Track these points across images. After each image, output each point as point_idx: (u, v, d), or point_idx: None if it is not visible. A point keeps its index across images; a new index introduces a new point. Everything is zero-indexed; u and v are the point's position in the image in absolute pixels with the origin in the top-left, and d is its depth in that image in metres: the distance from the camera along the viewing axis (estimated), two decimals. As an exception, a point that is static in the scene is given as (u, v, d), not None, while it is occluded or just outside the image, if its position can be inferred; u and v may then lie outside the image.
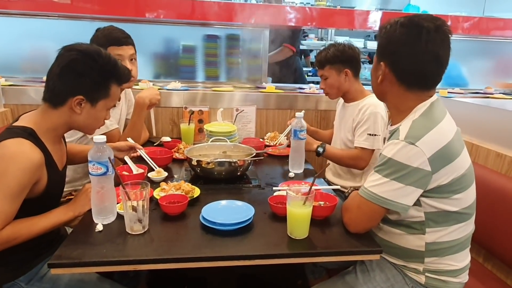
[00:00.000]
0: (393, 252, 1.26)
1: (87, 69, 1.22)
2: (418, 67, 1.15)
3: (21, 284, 1.28)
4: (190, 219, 1.26)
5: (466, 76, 3.30)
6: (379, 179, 1.13)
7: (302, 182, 1.58)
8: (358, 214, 1.18)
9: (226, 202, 1.33)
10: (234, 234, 1.16)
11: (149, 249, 1.09)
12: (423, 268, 1.21)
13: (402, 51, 1.15)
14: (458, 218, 1.18)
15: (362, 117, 1.86)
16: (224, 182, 1.60)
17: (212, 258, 1.06)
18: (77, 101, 1.23)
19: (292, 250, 1.11)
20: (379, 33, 1.22)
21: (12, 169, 1.12)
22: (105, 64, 1.26)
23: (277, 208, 1.27)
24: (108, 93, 1.29)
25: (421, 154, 1.07)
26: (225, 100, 2.48)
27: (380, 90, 1.25)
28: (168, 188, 1.41)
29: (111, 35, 1.79)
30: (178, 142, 2.05)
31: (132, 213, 1.13)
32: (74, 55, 1.22)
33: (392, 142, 1.12)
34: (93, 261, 1.02)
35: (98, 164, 1.16)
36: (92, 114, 1.28)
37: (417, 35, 1.12)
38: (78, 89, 1.23)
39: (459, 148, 1.15)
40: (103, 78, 1.27)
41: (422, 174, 1.08)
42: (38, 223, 1.21)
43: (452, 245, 1.19)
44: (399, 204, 1.11)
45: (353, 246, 1.14)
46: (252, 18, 2.64)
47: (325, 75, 1.95)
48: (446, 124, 1.16)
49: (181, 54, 2.85)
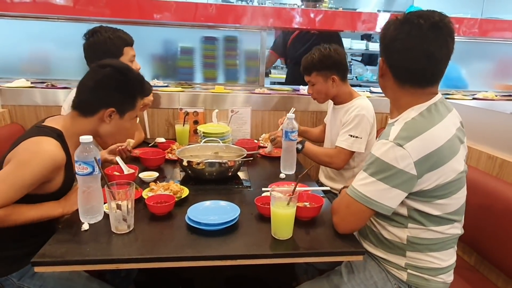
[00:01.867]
0: (377, 243, 1.26)
1: (120, 84, 1.34)
2: (408, 64, 1.15)
3: (13, 280, 1.31)
4: (176, 219, 1.27)
5: (466, 78, 3.27)
6: (365, 177, 1.13)
7: (292, 183, 1.58)
8: (347, 215, 1.18)
9: (211, 202, 1.33)
10: (218, 235, 1.17)
11: (132, 248, 1.10)
12: (405, 263, 1.21)
13: (393, 47, 1.15)
14: (440, 222, 1.17)
15: (348, 118, 1.87)
16: (214, 183, 1.61)
17: (194, 257, 1.07)
18: (109, 113, 1.33)
19: (274, 250, 1.11)
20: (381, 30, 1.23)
21: (34, 163, 1.19)
22: (134, 79, 1.38)
23: (262, 209, 1.28)
24: (135, 106, 1.41)
25: (407, 157, 1.07)
26: (221, 101, 2.49)
27: (381, 84, 1.27)
28: (156, 188, 1.42)
29: (124, 35, 1.86)
30: (172, 143, 2.07)
31: (117, 212, 1.14)
32: (108, 71, 1.33)
33: (381, 142, 1.12)
34: (76, 259, 1.03)
35: (84, 164, 1.17)
36: (119, 124, 1.38)
37: (408, 32, 1.12)
38: (111, 102, 1.33)
39: (450, 154, 1.12)
40: (132, 92, 1.38)
41: (406, 177, 1.08)
42: (28, 211, 1.24)
43: (434, 243, 1.19)
44: (383, 205, 1.11)
45: (336, 247, 1.14)
46: (250, 20, 2.65)
47: (312, 82, 1.95)
48: (440, 129, 1.13)
49: (179, 55, 2.87)
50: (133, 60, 1.88)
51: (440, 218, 1.16)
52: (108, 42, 1.78)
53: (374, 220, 1.26)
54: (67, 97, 1.85)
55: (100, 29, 1.81)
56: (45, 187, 1.27)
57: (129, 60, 1.85)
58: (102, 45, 1.78)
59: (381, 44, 1.21)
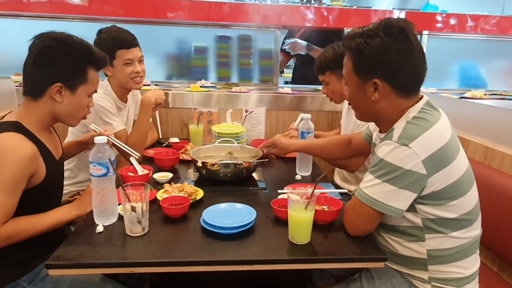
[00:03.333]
0: (396, 259, 1.21)
1: (61, 55, 1.22)
2: (416, 70, 1.12)
3: (23, 284, 1.28)
4: (191, 222, 1.25)
5: (485, 77, 3.18)
6: (371, 179, 1.10)
7: (308, 185, 1.54)
8: (355, 217, 1.16)
9: (227, 205, 1.31)
10: (234, 238, 1.14)
11: (146, 251, 1.08)
12: (428, 277, 1.16)
13: (399, 59, 1.09)
14: (458, 225, 1.13)
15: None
16: (229, 184, 1.58)
17: (210, 262, 1.04)
18: (56, 89, 1.22)
19: (292, 256, 1.08)
20: (355, 50, 1.14)
21: (7, 163, 1.13)
22: (79, 49, 1.26)
23: (279, 212, 1.25)
24: (86, 78, 1.28)
25: (414, 156, 1.03)
26: (235, 101, 2.47)
27: (374, 108, 1.17)
28: (171, 190, 1.40)
29: (120, 37, 1.77)
30: (186, 143, 2.05)
31: (131, 214, 1.12)
32: (46, 42, 1.21)
33: (385, 143, 1.09)
34: (90, 262, 1.01)
35: (98, 165, 1.16)
36: (74, 101, 1.27)
37: (407, 39, 1.09)
38: (55, 76, 1.22)
39: (455, 150, 1.11)
40: (79, 63, 1.26)
41: (416, 177, 1.04)
42: (41, 220, 1.22)
43: (456, 252, 1.14)
44: (392, 207, 1.07)
45: (356, 253, 1.10)
46: (264, 19, 2.62)
47: (326, 81, 1.90)
48: (442, 126, 1.11)
49: (193, 55, 2.86)
50: (129, 63, 1.79)
51: (457, 220, 1.12)
52: (102, 43, 1.74)
53: (388, 237, 1.22)
54: None
55: (105, 29, 1.79)
56: (31, 181, 1.21)
57: (122, 64, 1.78)
58: (98, 45, 1.75)
59: (375, 64, 1.11)
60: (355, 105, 1.24)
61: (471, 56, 3.14)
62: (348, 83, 1.22)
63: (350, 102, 1.26)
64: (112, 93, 1.86)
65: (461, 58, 3.14)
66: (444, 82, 3.09)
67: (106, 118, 1.76)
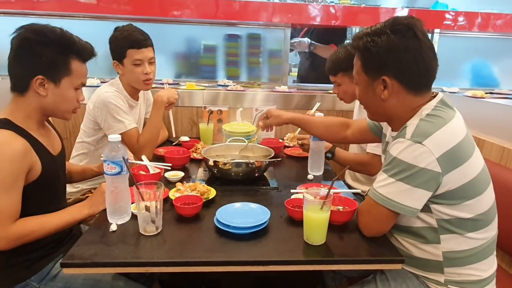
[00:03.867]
0: (411, 262, 1.19)
1: (39, 47, 1.18)
2: (426, 67, 1.10)
3: (33, 284, 1.28)
4: (204, 221, 1.24)
5: (498, 76, 3.14)
6: (385, 179, 1.08)
7: (321, 185, 1.53)
8: (369, 218, 1.14)
9: (241, 204, 1.29)
10: (248, 238, 1.13)
11: (161, 251, 1.07)
12: (444, 280, 1.14)
13: (406, 56, 1.08)
14: (474, 225, 1.11)
15: None
16: (241, 184, 1.57)
17: (224, 262, 1.03)
18: (38, 81, 1.19)
19: (307, 256, 1.07)
20: (363, 49, 1.13)
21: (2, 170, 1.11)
22: (58, 39, 1.21)
23: (294, 212, 1.23)
24: (69, 70, 1.24)
25: (429, 154, 1.01)
26: (245, 100, 2.46)
27: (384, 106, 1.16)
28: (183, 189, 1.39)
29: (131, 37, 1.76)
30: (197, 142, 2.04)
31: (145, 213, 1.12)
32: (23, 34, 1.19)
33: (398, 141, 1.07)
34: (105, 262, 1.01)
35: (112, 163, 1.15)
36: (59, 94, 1.24)
37: (414, 36, 1.08)
38: (36, 69, 1.19)
39: (470, 149, 1.09)
40: (60, 55, 1.22)
41: (430, 176, 1.02)
42: (51, 220, 1.22)
43: (473, 253, 1.12)
44: (406, 207, 1.06)
45: (373, 254, 1.08)
46: (273, 17, 2.60)
47: (338, 82, 1.89)
48: (457, 123, 1.09)
49: (202, 53, 2.85)
50: (139, 63, 1.79)
51: (473, 220, 1.10)
52: (114, 41, 1.77)
53: (402, 239, 1.20)
54: (91, 96, 1.84)
55: (121, 27, 1.79)
56: (28, 177, 1.19)
57: (131, 64, 1.78)
58: (111, 44, 1.78)
59: (384, 61, 1.10)
60: (366, 105, 1.23)
61: (482, 55, 3.10)
62: (358, 82, 1.21)
63: (361, 102, 1.25)
64: (123, 91, 1.86)
65: (472, 57, 3.10)
66: (455, 81, 3.05)
67: (118, 116, 1.76)
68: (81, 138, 1.90)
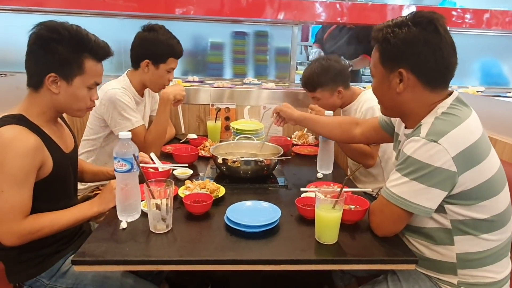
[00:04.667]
0: (423, 263, 1.17)
1: (53, 44, 1.17)
2: (444, 63, 1.08)
3: (43, 281, 1.28)
4: (214, 220, 1.23)
5: (507, 74, 3.10)
6: (399, 178, 1.06)
7: (331, 184, 1.51)
8: (382, 218, 1.12)
9: (251, 203, 1.28)
10: (259, 237, 1.11)
11: (171, 249, 1.06)
12: (457, 281, 1.13)
13: (426, 50, 1.06)
14: (489, 227, 1.09)
15: (360, 116, 1.82)
16: (250, 182, 1.56)
17: (236, 261, 1.02)
18: (50, 79, 1.19)
19: (320, 256, 1.05)
20: (382, 40, 1.11)
21: (10, 157, 1.10)
22: (72, 37, 1.20)
23: (304, 211, 1.22)
24: (83, 69, 1.23)
25: (444, 153, 0.99)
26: (252, 97, 2.44)
27: (399, 100, 1.14)
28: (192, 187, 1.39)
29: (177, 47, 1.85)
30: (204, 140, 2.03)
31: (155, 211, 1.11)
32: (38, 31, 1.18)
33: (412, 139, 1.05)
34: (116, 259, 1.00)
35: (123, 160, 1.14)
36: (71, 92, 1.23)
37: (435, 30, 1.06)
38: (48, 66, 1.18)
39: (487, 148, 1.07)
40: (73, 53, 1.20)
41: (446, 175, 1.00)
42: (62, 217, 1.22)
43: (487, 255, 1.10)
44: (421, 207, 1.04)
45: (386, 254, 1.06)
46: (281, 14, 2.58)
47: (318, 97, 1.89)
48: (473, 122, 1.07)
49: (209, 51, 2.84)
50: (171, 71, 1.87)
51: (489, 221, 1.08)
52: (158, 44, 1.79)
53: (414, 240, 1.18)
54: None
55: (160, 29, 1.82)
56: (39, 173, 1.19)
57: (166, 70, 1.84)
58: (152, 44, 1.79)
59: (401, 53, 1.09)
60: (381, 98, 1.22)
61: (491, 53, 3.07)
62: (374, 75, 1.19)
63: (376, 96, 1.23)
64: (130, 87, 1.85)
65: (481, 55, 3.07)
66: (464, 79, 3.02)
67: (125, 114, 1.75)
68: (87, 135, 1.90)
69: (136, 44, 1.84)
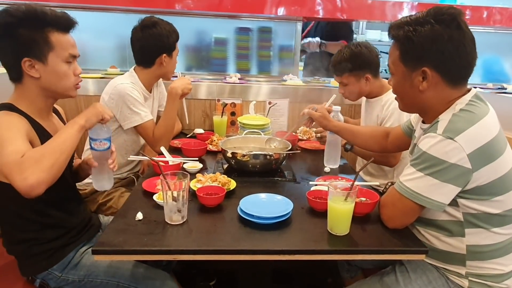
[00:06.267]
0: (433, 254, 1.20)
1: (11, 28, 1.15)
2: (467, 59, 1.10)
3: (55, 273, 1.30)
4: (227, 211, 1.25)
5: (508, 71, 3.14)
6: (413, 173, 1.09)
7: (339, 177, 1.54)
8: (394, 210, 1.15)
9: (264, 195, 1.31)
10: (272, 228, 1.14)
11: (188, 239, 1.08)
12: (465, 272, 1.16)
13: (450, 47, 1.07)
14: (500, 221, 1.11)
15: (386, 113, 1.81)
16: (258, 175, 1.59)
17: (251, 251, 1.05)
18: (26, 64, 1.17)
19: (333, 246, 1.08)
20: (404, 38, 1.11)
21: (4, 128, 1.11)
22: (27, 16, 1.16)
23: (316, 203, 1.25)
24: (51, 44, 1.19)
25: (460, 150, 1.01)
26: (256, 93, 2.46)
27: (420, 98, 1.15)
28: (204, 180, 1.41)
29: (176, 31, 1.90)
30: (211, 134, 2.05)
31: (172, 203, 1.13)
32: None
33: (429, 135, 1.07)
34: (135, 249, 1.02)
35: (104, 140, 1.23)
36: (50, 71, 1.21)
37: (458, 26, 1.07)
38: (18, 52, 1.17)
39: (503, 145, 1.09)
40: (34, 30, 1.17)
41: (460, 171, 1.03)
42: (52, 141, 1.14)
43: (496, 248, 1.13)
44: (434, 201, 1.06)
45: (396, 244, 1.09)
46: (283, 9, 2.59)
47: (344, 82, 1.89)
48: (490, 119, 1.09)
49: (213, 46, 2.85)
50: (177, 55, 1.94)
51: (501, 216, 1.10)
52: (169, 36, 1.83)
53: (425, 231, 1.21)
54: (106, 88, 1.84)
55: (159, 21, 1.83)
56: None
57: (176, 55, 1.92)
58: (163, 37, 1.82)
59: (425, 52, 1.09)
60: (401, 96, 1.23)
61: (491, 50, 3.10)
62: (394, 72, 1.19)
63: (396, 93, 1.24)
64: (139, 83, 1.87)
65: (481, 52, 3.09)
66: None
67: (134, 108, 1.76)
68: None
69: (146, 44, 1.83)
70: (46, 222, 1.28)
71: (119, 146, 1.83)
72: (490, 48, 3.09)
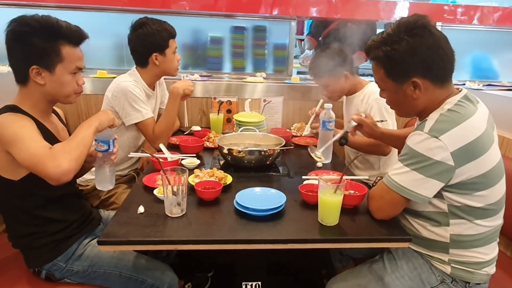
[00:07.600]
0: (419, 242, 1.28)
1: (27, 37, 1.21)
2: (448, 58, 1.16)
3: (60, 264, 1.36)
4: (224, 205, 1.32)
5: (497, 68, 3.22)
6: (401, 167, 1.16)
7: (330, 172, 1.61)
8: (382, 203, 1.22)
9: (259, 189, 1.38)
10: (267, 220, 1.21)
11: (188, 231, 1.16)
12: (448, 259, 1.23)
13: (430, 54, 1.14)
14: (483, 214, 1.18)
15: (367, 106, 1.89)
16: (253, 170, 1.66)
17: (247, 241, 1.12)
18: (34, 71, 1.23)
19: (323, 236, 1.16)
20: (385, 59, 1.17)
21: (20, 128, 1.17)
22: (43, 27, 1.22)
23: (308, 196, 1.32)
24: (61, 56, 1.26)
25: (444, 149, 1.08)
26: (251, 91, 2.52)
27: (416, 105, 1.22)
28: (202, 175, 1.48)
29: (170, 28, 1.91)
30: (208, 131, 2.12)
31: (172, 197, 1.20)
32: (10, 27, 1.22)
33: (416, 133, 1.14)
34: (138, 239, 1.09)
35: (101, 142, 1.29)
36: (55, 81, 1.26)
37: (430, 34, 1.14)
38: (29, 59, 1.22)
39: (488, 143, 1.14)
40: (48, 42, 1.23)
41: (444, 168, 1.10)
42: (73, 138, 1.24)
43: (478, 238, 1.20)
44: (419, 195, 1.14)
45: (382, 233, 1.17)
46: (277, 9, 2.63)
47: (326, 84, 1.97)
48: (477, 119, 1.14)
49: (209, 45, 2.90)
50: (175, 52, 1.94)
51: (483, 209, 1.17)
52: (156, 35, 1.85)
53: (413, 221, 1.28)
54: (109, 86, 1.90)
55: (148, 21, 1.86)
56: None
57: (172, 52, 1.92)
58: (150, 37, 1.84)
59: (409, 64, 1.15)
60: (397, 106, 1.29)
61: (482, 48, 3.17)
62: (384, 88, 1.26)
63: (391, 105, 1.31)
64: (141, 81, 1.93)
65: (472, 50, 3.16)
66: (455, 73, 3.11)
67: (136, 105, 1.83)
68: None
69: (135, 45, 1.89)
70: (48, 216, 1.33)
71: (122, 142, 1.89)
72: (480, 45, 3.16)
